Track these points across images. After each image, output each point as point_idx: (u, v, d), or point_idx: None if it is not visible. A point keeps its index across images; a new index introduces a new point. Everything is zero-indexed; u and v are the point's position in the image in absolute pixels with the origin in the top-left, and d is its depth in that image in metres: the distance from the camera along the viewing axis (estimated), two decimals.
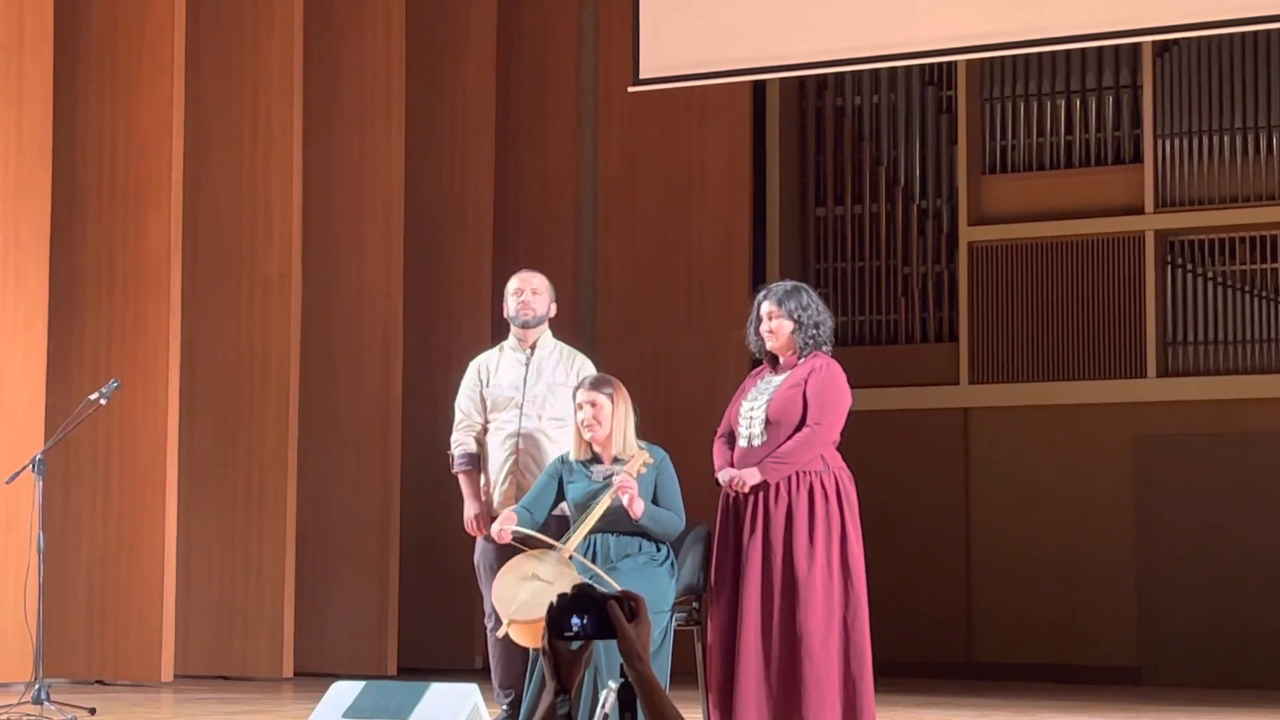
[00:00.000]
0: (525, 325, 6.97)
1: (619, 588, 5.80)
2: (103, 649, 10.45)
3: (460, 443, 7.00)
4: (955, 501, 12.73)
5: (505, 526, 6.40)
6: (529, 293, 6.98)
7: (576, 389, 6.44)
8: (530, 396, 6.87)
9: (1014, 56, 12.43)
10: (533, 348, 6.97)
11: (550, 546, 6.28)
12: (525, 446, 6.84)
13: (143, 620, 10.34)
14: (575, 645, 2.89)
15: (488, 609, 6.76)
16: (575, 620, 2.87)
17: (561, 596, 2.88)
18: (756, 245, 12.90)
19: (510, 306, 7.00)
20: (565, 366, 6.91)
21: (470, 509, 6.94)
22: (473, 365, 7.10)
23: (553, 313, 7.04)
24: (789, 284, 6.48)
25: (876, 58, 10.18)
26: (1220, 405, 12.18)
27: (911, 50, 9.94)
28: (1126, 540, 12.33)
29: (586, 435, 6.38)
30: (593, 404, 6.33)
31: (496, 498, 6.87)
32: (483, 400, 6.97)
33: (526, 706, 6.35)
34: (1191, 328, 12.36)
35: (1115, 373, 12.46)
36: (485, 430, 6.98)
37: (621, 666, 2.88)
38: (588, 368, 6.88)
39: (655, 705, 2.86)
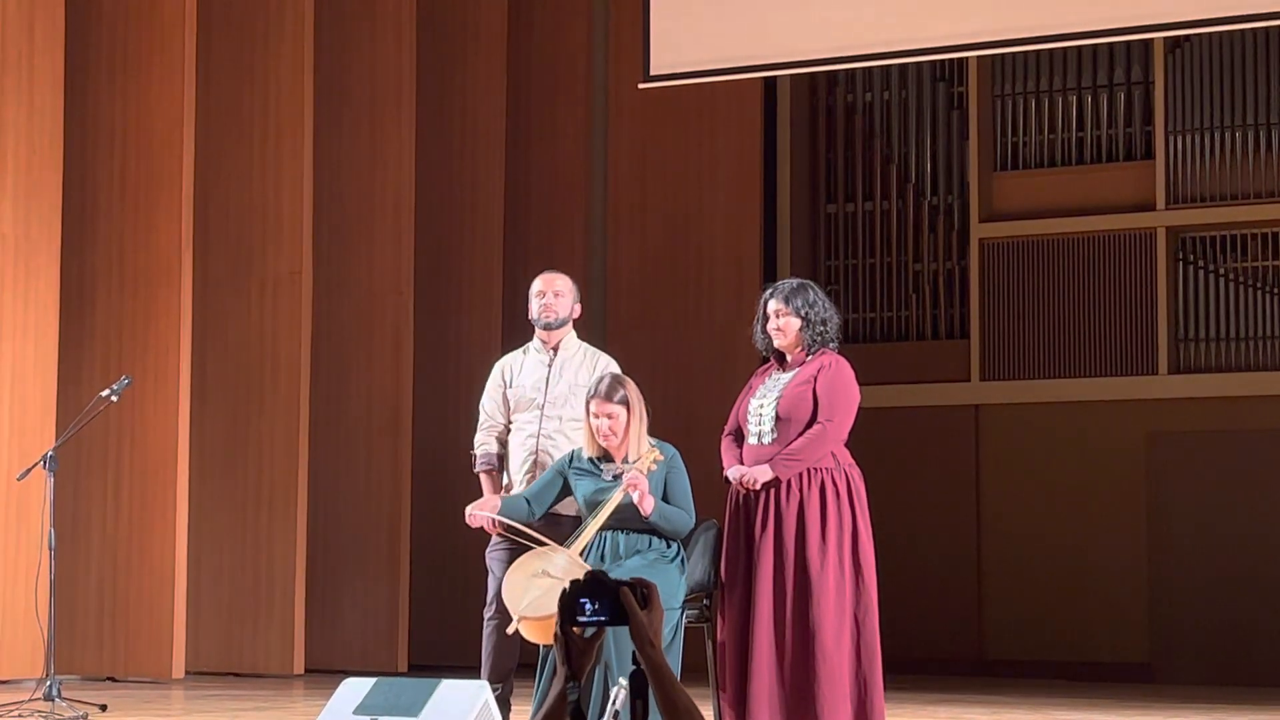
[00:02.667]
0: (548, 327, 6.97)
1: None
2: (114, 645, 10.46)
3: (482, 443, 7.01)
4: (966, 498, 12.73)
5: (478, 511, 6.42)
6: (551, 295, 6.98)
7: (590, 397, 6.43)
8: (551, 398, 6.87)
9: (1025, 53, 12.42)
10: (556, 349, 6.97)
11: (530, 536, 6.28)
12: (545, 447, 6.84)
13: (154, 617, 10.35)
14: (588, 632, 2.90)
15: (488, 600, 6.78)
16: (587, 605, 2.87)
17: (574, 582, 2.89)
18: (767, 242, 12.89)
19: (533, 308, 7.00)
20: (588, 368, 6.91)
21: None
22: (497, 366, 7.10)
23: (576, 313, 7.04)
24: (795, 281, 6.47)
25: (888, 54, 10.16)
26: (1232, 402, 12.16)
27: (923, 46, 9.93)
28: (1138, 537, 12.32)
29: (602, 444, 6.39)
30: (610, 416, 6.33)
31: None
32: (505, 401, 6.98)
33: (538, 697, 6.36)
34: (1203, 324, 12.35)
35: (1126, 369, 12.44)
36: (508, 430, 6.99)
37: (634, 654, 2.88)
38: (611, 369, 6.86)
39: (667, 692, 2.87)
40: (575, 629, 2.89)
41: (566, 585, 2.93)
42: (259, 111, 11.23)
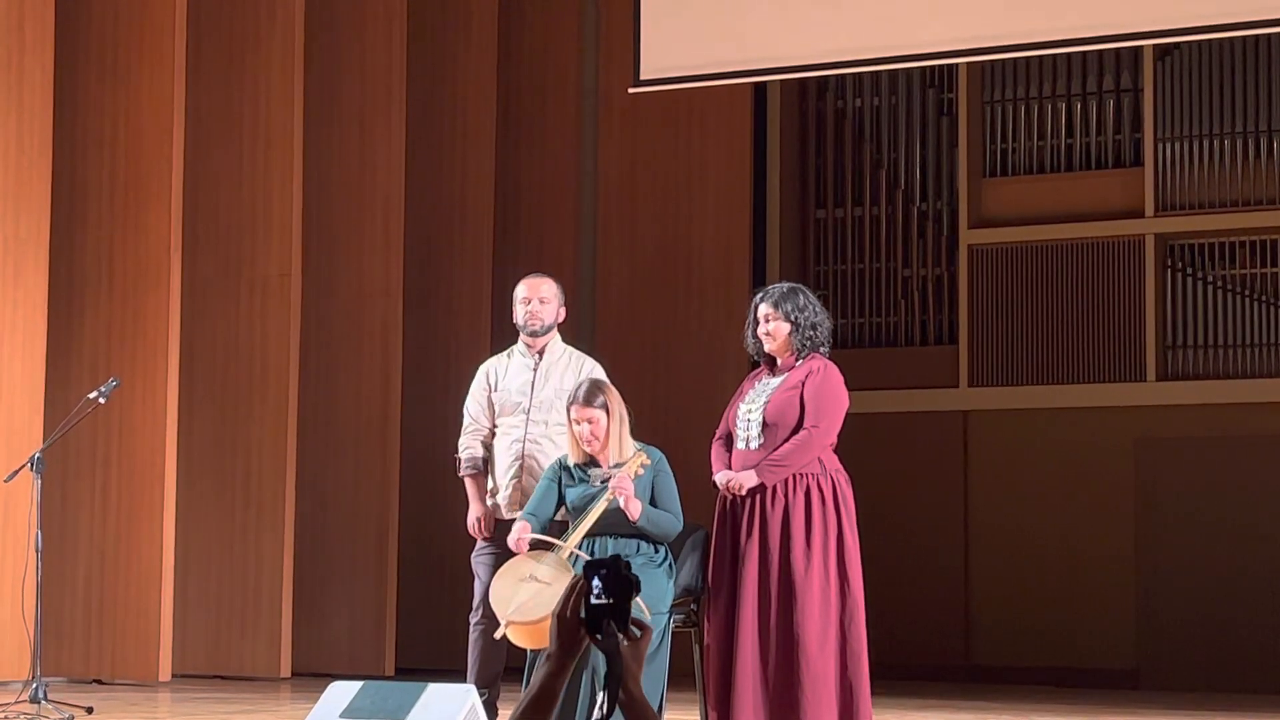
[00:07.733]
0: (533, 334, 6.98)
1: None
2: (101, 648, 10.45)
3: (467, 447, 7.01)
4: (954, 504, 12.73)
5: (522, 536, 6.36)
6: (536, 302, 6.98)
7: (569, 404, 6.42)
8: (537, 402, 6.88)
9: (1015, 60, 12.43)
10: (541, 353, 6.97)
11: (559, 546, 6.30)
12: (530, 451, 6.84)
13: (141, 619, 10.34)
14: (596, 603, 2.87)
15: (475, 604, 6.77)
16: (597, 583, 2.87)
17: (596, 560, 2.89)
18: (756, 247, 12.89)
19: (518, 315, 7.00)
20: (573, 372, 6.91)
21: (474, 511, 6.95)
22: (481, 370, 7.10)
23: (561, 317, 7.05)
24: (786, 285, 6.47)
25: (877, 60, 10.17)
26: (1219, 409, 12.18)
27: (912, 53, 9.94)
28: (1125, 544, 12.33)
29: (585, 449, 6.39)
30: (590, 421, 6.33)
31: (502, 502, 6.88)
32: (490, 404, 6.97)
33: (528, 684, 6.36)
34: (1191, 332, 12.36)
35: (1115, 376, 12.45)
36: (493, 434, 6.98)
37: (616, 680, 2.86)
38: (596, 373, 6.86)
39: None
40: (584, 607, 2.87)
41: (553, 595, 2.92)
42: (249, 113, 11.22)
